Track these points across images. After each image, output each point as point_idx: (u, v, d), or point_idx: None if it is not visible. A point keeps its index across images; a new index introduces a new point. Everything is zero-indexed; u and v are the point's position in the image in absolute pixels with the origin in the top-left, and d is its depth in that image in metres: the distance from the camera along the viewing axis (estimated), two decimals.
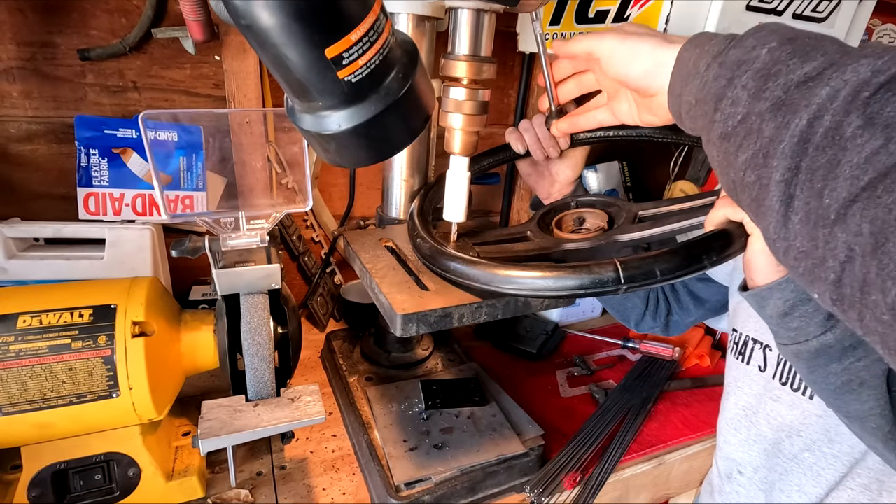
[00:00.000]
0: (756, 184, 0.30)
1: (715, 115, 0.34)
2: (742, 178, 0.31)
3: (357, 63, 0.31)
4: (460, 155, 0.56)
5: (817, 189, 0.26)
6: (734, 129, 0.32)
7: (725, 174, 0.35)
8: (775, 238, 0.29)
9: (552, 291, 0.46)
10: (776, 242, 0.29)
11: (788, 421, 0.64)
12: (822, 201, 0.25)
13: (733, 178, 0.33)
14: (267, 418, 0.54)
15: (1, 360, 0.49)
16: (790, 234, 0.28)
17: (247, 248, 0.57)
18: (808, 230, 0.26)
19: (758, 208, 0.31)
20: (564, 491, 0.68)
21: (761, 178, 0.29)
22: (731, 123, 0.32)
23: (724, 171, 0.35)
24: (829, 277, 0.26)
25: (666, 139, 0.72)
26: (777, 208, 0.28)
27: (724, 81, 0.34)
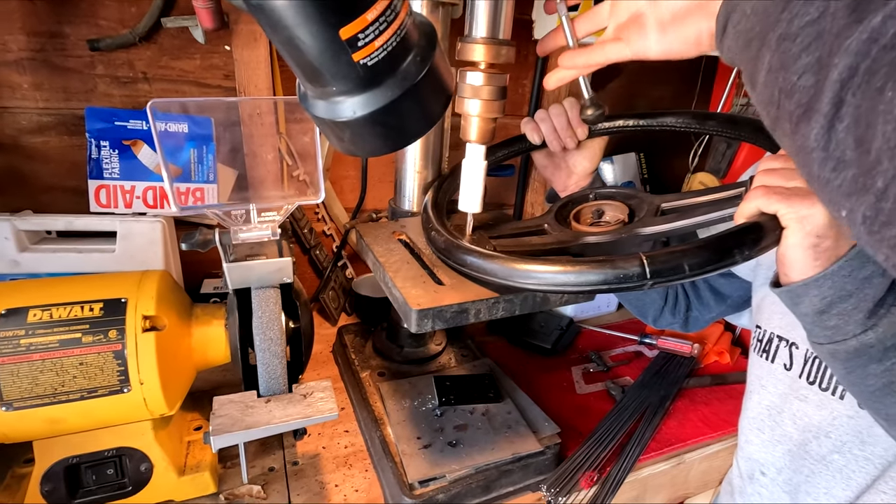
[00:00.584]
0: (812, 88, 0.28)
1: (781, 15, 0.31)
2: (795, 82, 0.29)
3: (373, 45, 0.29)
4: (477, 143, 0.54)
5: (875, 89, 0.24)
6: (801, 29, 0.29)
7: (772, 82, 0.32)
8: (814, 147, 0.28)
9: (574, 287, 0.44)
10: (814, 153, 0.28)
11: (816, 421, 0.62)
12: (878, 105, 0.23)
13: (780, 86, 0.30)
14: (279, 415, 0.53)
15: (12, 355, 0.48)
16: (833, 141, 0.26)
17: (258, 241, 0.56)
18: (858, 134, 0.24)
19: (802, 114, 0.29)
20: (581, 490, 0.67)
21: (819, 80, 0.27)
22: (799, 23, 0.29)
23: (772, 78, 0.32)
24: (873, 186, 0.24)
25: (690, 129, 0.69)
26: (826, 111, 0.26)
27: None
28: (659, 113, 0.71)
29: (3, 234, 0.73)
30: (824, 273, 0.41)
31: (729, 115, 0.66)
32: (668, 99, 1.22)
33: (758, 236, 0.42)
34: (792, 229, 0.41)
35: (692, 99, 1.18)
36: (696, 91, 1.15)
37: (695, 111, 0.69)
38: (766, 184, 0.43)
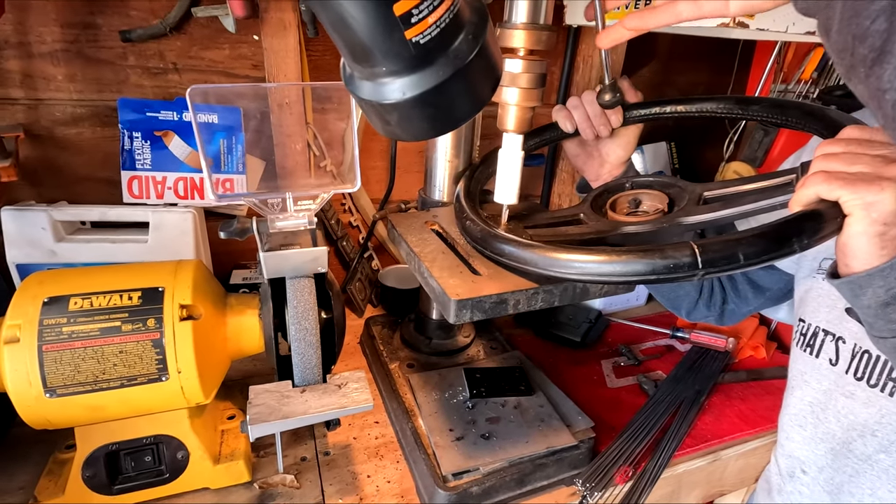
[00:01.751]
0: (885, 31, 0.28)
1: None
2: (868, 27, 0.29)
3: (427, 21, 0.28)
4: (514, 132, 0.53)
5: None
6: None
7: (846, 28, 0.31)
8: (888, 88, 0.28)
9: (620, 277, 0.43)
10: (887, 93, 0.28)
11: (862, 419, 0.59)
12: None
13: (854, 33, 0.30)
14: (315, 405, 0.53)
15: (55, 342, 0.49)
16: None
17: (293, 230, 0.56)
18: None
19: (876, 58, 0.29)
20: (616, 486, 0.66)
21: (892, 23, 0.28)
22: None
23: (846, 25, 0.31)
24: None
25: (732, 115, 0.67)
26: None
27: None
28: (698, 98, 0.69)
29: (40, 224, 0.74)
30: (891, 263, 0.39)
31: (775, 99, 0.63)
32: (702, 85, 1.19)
33: (818, 224, 0.40)
34: (856, 216, 0.39)
35: (727, 85, 1.14)
36: (733, 76, 1.11)
37: (738, 96, 0.66)
38: (826, 169, 0.41)
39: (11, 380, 0.48)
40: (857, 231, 0.39)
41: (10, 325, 0.49)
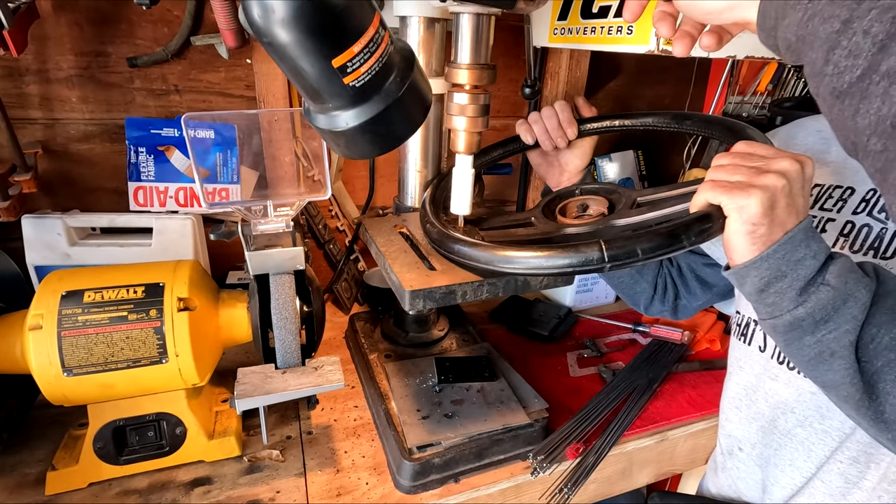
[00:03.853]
0: (881, 155, 0.26)
1: (825, 68, 0.28)
2: (865, 144, 0.27)
3: (359, 70, 0.36)
4: (464, 154, 0.61)
5: None
6: (850, 88, 0.26)
7: (841, 133, 0.30)
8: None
9: (544, 269, 0.51)
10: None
11: (784, 398, 0.67)
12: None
13: (853, 140, 0.28)
14: (294, 383, 0.61)
15: (72, 329, 0.57)
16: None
17: (274, 232, 0.64)
18: None
19: (883, 181, 0.27)
20: (567, 460, 0.73)
21: (888, 149, 0.25)
22: (847, 79, 0.26)
23: (838, 129, 0.30)
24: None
25: (669, 128, 0.75)
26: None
27: (837, 24, 0.27)
28: (641, 114, 0.77)
29: (55, 230, 0.83)
30: (761, 256, 0.46)
31: (704, 115, 0.71)
32: (668, 98, 1.27)
33: (704, 225, 0.48)
34: (732, 218, 0.47)
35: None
36: (690, 91, 1.19)
37: (674, 112, 0.74)
38: (713, 178, 0.49)
39: (35, 361, 0.57)
40: (734, 230, 0.47)
41: (34, 315, 0.57)
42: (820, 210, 0.65)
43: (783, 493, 0.68)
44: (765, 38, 0.36)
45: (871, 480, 0.60)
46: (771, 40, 0.35)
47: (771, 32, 0.34)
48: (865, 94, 0.26)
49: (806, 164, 0.47)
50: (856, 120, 0.27)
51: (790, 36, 0.31)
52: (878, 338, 0.46)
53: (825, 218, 0.64)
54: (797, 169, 0.46)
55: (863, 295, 0.46)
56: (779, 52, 0.36)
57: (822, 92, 0.30)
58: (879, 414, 0.47)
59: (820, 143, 0.68)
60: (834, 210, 0.63)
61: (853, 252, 0.60)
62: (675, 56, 0.50)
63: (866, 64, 0.25)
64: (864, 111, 0.26)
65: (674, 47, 0.50)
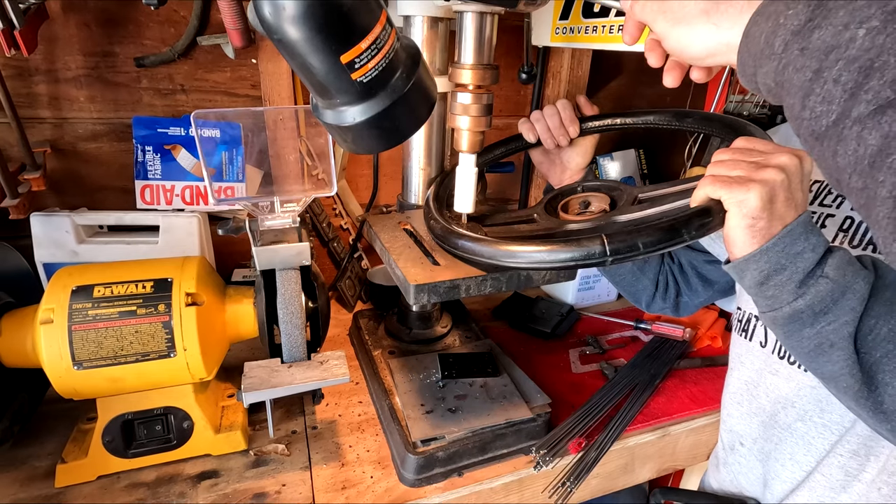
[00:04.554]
0: (863, 192, 0.26)
1: (803, 113, 0.29)
2: (847, 181, 0.28)
3: (367, 66, 0.37)
4: (467, 152, 0.62)
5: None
6: (827, 131, 0.27)
7: (825, 171, 0.30)
8: (887, 252, 0.27)
9: (547, 263, 0.51)
10: (888, 256, 0.27)
11: (785, 393, 0.67)
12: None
13: (836, 178, 0.29)
14: (300, 377, 0.62)
15: (82, 323, 0.58)
16: None
17: (281, 228, 0.65)
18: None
19: (868, 216, 0.28)
20: (569, 455, 0.74)
21: (868, 187, 0.26)
22: (824, 123, 0.27)
23: (822, 167, 0.31)
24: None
25: (670, 126, 0.75)
26: (885, 225, 0.25)
27: (809, 74, 0.28)
28: (643, 112, 0.78)
29: (64, 228, 0.85)
30: (760, 249, 0.47)
31: (705, 113, 0.72)
32: (669, 96, 1.28)
33: (704, 218, 0.49)
34: (732, 212, 0.47)
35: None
36: (690, 90, 1.20)
37: (675, 109, 0.75)
38: (713, 173, 0.50)
39: (46, 354, 0.58)
40: (733, 224, 0.47)
41: (45, 309, 0.58)
42: (819, 206, 0.65)
43: (784, 488, 0.69)
44: (747, 83, 0.37)
45: (870, 473, 0.60)
46: (753, 85, 0.37)
47: (752, 78, 0.36)
48: (841, 138, 0.27)
49: (804, 158, 0.48)
50: (836, 160, 0.28)
51: (769, 82, 0.33)
52: (877, 329, 0.47)
53: (825, 214, 0.64)
54: (796, 163, 0.47)
55: (861, 287, 0.46)
56: (762, 94, 0.37)
57: (802, 133, 0.31)
58: (878, 405, 0.48)
59: None
60: (833, 206, 0.64)
61: (852, 247, 0.61)
62: (667, 86, 0.52)
63: (839, 110, 0.27)
64: (842, 152, 0.27)
65: (664, 78, 0.51)
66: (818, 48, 0.27)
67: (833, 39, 0.27)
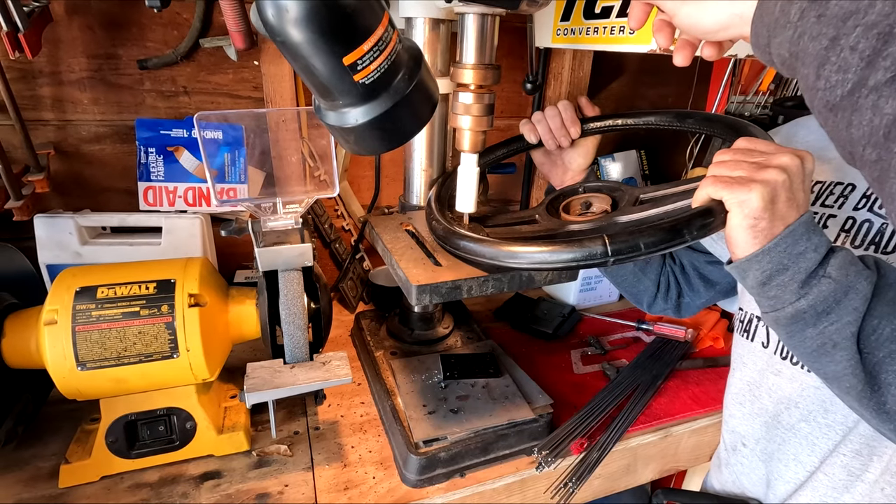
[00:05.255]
0: (877, 164, 0.26)
1: (817, 83, 0.29)
2: (861, 154, 0.27)
3: (369, 68, 0.37)
4: (469, 152, 0.62)
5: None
6: (842, 101, 0.27)
7: (838, 144, 0.30)
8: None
9: (549, 264, 0.51)
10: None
11: (787, 393, 0.67)
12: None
13: (850, 151, 0.29)
14: (302, 378, 0.62)
15: (85, 324, 0.59)
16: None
17: (283, 229, 0.65)
18: None
19: (881, 189, 0.27)
20: (571, 455, 0.74)
21: (882, 158, 0.25)
22: (839, 93, 0.27)
23: (835, 140, 0.30)
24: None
25: (672, 127, 0.76)
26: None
27: (825, 41, 0.28)
28: (644, 112, 0.78)
29: (67, 229, 0.85)
30: (762, 249, 0.47)
31: (706, 113, 0.72)
32: (670, 97, 1.28)
33: (706, 219, 0.49)
34: (733, 212, 0.47)
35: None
36: (692, 90, 1.20)
37: (676, 110, 0.75)
38: (714, 174, 0.50)
39: (50, 355, 0.58)
40: (735, 224, 0.47)
41: (49, 310, 0.59)
42: (821, 206, 0.65)
43: (787, 488, 0.69)
44: (760, 55, 0.37)
45: (873, 473, 0.60)
46: (766, 57, 0.36)
47: (766, 49, 0.36)
48: (856, 107, 0.27)
49: (806, 159, 0.48)
50: (850, 131, 0.28)
51: (783, 52, 0.33)
52: (880, 329, 0.47)
53: (827, 214, 0.64)
54: (797, 164, 0.47)
55: (864, 287, 0.46)
56: (775, 66, 0.37)
57: (816, 105, 0.31)
58: (881, 405, 0.48)
59: (821, 140, 0.69)
60: (835, 206, 0.64)
61: (854, 247, 0.61)
62: (677, 65, 0.51)
63: (856, 78, 0.26)
64: (857, 123, 0.27)
65: (674, 57, 0.51)
66: (836, 15, 0.27)
67: (851, 5, 0.26)
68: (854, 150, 0.28)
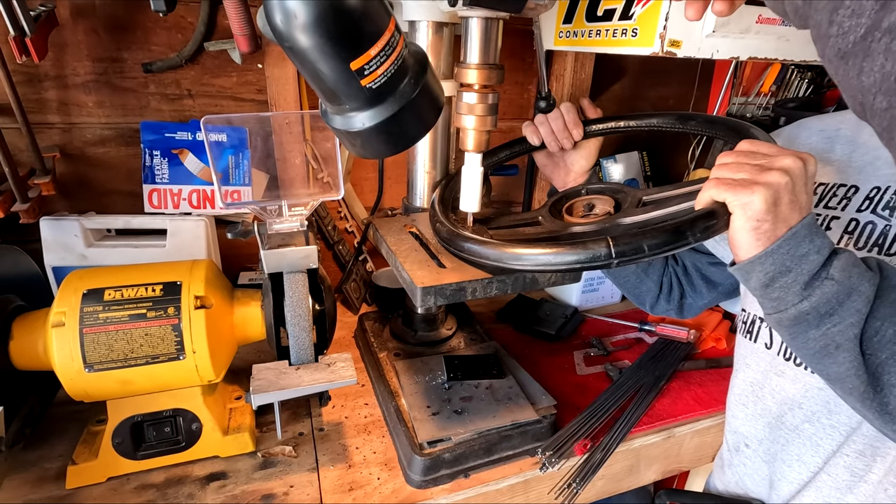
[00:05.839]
0: (887, 112, 0.26)
1: (830, 29, 0.28)
2: (871, 103, 0.27)
3: (376, 73, 0.38)
4: (473, 152, 0.63)
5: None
6: (854, 48, 0.26)
7: (848, 94, 0.30)
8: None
9: (553, 266, 0.52)
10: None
11: (791, 394, 0.67)
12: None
13: (860, 101, 0.28)
14: (307, 379, 0.62)
15: (93, 326, 0.59)
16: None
17: (288, 231, 0.66)
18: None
19: (890, 139, 0.27)
20: (575, 456, 0.74)
21: (892, 106, 0.25)
22: (851, 39, 0.27)
23: (845, 91, 0.30)
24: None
25: (674, 129, 0.76)
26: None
27: None
28: (646, 114, 0.78)
29: (72, 232, 0.85)
30: (766, 251, 0.47)
31: (708, 116, 0.72)
32: (671, 99, 1.28)
33: (709, 221, 0.49)
34: (736, 214, 0.48)
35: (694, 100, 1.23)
36: (694, 92, 1.20)
37: (678, 112, 0.75)
38: (718, 176, 0.50)
39: (58, 357, 0.58)
40: (738, 226, 0.48)
41: (57, 313, 0.59)
42: (824, 208, 0.66)
43: (790, 489, 0.69)
44: (773, 5, 0.37)
45: (877, 473, 0.60)
46: (780, 6, 0.36)
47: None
48: (869, 53, 0.26)
49: (808, 161, 0.48)
50: (861, 79, 0.28)
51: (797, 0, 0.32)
52: (882, 331, 0.47)
53: (829, 216, 0.65)
54: (800, 166, 0.47)
55: (866, 289, 0.47)
56: (787, 17, 0.36)
57: (828, 54, 0.30)
58: (884, 406, 0.48)
59: (823, 142, 0.69)
60: (838, 208, 0.64)
61: (857, 249, 0.61)
62: (688, 19, 0.50)
63: (869, 22, 0.26)
64: (868, 69, 0.27)
65: (686, 10, 0.50)
66: None
67: None
68: (864, 100, 0.28)
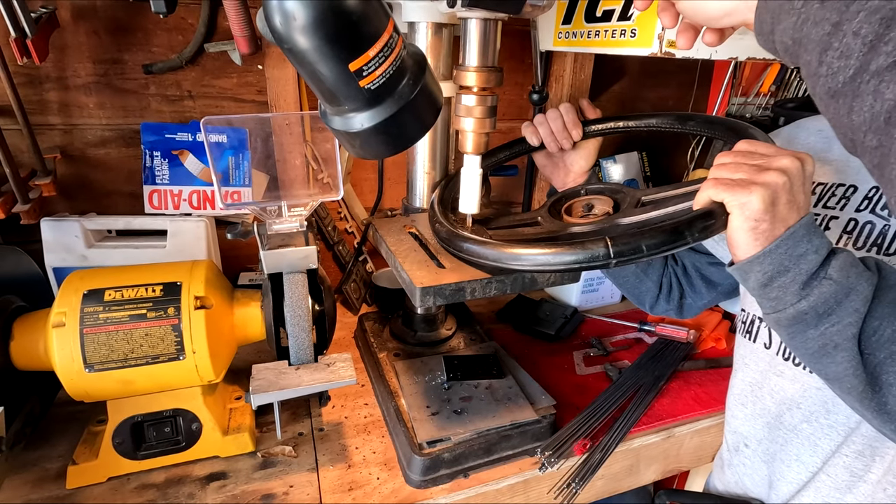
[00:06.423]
0: (877, 151, 0.27)
1: (819, 69, 0.29)
2: (862, 140, 0.28)
3: (375, 74, 0.38)
4: (472, 154, 0.63)
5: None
6: (844, 88, 0.27)
7: (839, 131, 0.30)
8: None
9: (552, 266, 0.52)
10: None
11: (790, 394, 0.68)
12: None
13: (851, 138, 0.29)
14: (307, 379, 0.62)
15: (93, 326, 0.59)
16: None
17: (288, 232, 0.66)
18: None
19: (881, 176, 0.28)
20: (574, 456, 0.74)
21: (883, 144, 0.26)
22: (841, 79, 0.27)
23: (836, 127, 0.31)
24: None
25: (673, 129, 0.76)
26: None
27: (828, 27, 0.28)
28: (645, 115, 0.78)
29: (73, 232, 0.86)
30: (764, 251, 0.47)
31: (707, 116, 0.72)
32: (671, 99, 1.28)
33: (707, 221, 0.49)
34: (734, 214, 0.48)
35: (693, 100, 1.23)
36: (693, 93, 1.20)
37: (678, 113, 0.76)
38: (716, 176, 0.50)
39: (58, 357, 0.59)
40: (736, 226, 0.48)
41: (57, 313, 0.59)
42: (823, 208, 0.66)
43: (789, 489, 0.69)
44: (763, 43, 0.38)
45: (875, 473, 0.60)
46: (769, 44, 0.37)
47: (769, 37, 0.37)
48: (858, 93, 0.27)
49: (806, 161, 0.48)
50: (851, 118, 0.28)
51: (786, 39, 0.33)
52: (881, 330, 0.47)
53: (828, 216, 0.65)
54: (798, 166, 0.47)
55: (865, 288, 0.47)
56: (777, 55, 0.38)
57: (818, 92, 0.32)
58: (882, 405, 0.48)
59: (822, 142, 0.69)
60: (837, 208, 0.65)
61: (856, 249, 0.61)
62: (679, 49, 0.51)
63: (858, 64, 0.27)
64: (858, 109, 0.27)
65: (677, 40, 0.51)
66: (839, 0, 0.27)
67: None
68: (855, 137, 0.29)
